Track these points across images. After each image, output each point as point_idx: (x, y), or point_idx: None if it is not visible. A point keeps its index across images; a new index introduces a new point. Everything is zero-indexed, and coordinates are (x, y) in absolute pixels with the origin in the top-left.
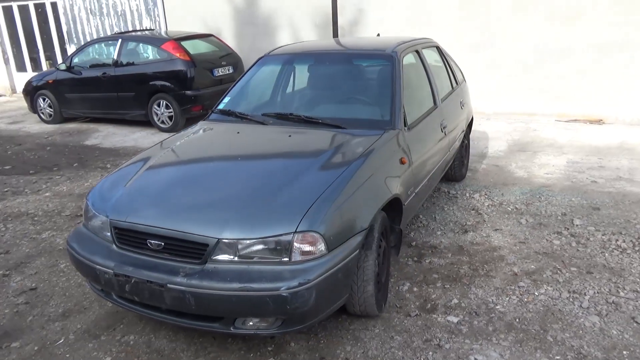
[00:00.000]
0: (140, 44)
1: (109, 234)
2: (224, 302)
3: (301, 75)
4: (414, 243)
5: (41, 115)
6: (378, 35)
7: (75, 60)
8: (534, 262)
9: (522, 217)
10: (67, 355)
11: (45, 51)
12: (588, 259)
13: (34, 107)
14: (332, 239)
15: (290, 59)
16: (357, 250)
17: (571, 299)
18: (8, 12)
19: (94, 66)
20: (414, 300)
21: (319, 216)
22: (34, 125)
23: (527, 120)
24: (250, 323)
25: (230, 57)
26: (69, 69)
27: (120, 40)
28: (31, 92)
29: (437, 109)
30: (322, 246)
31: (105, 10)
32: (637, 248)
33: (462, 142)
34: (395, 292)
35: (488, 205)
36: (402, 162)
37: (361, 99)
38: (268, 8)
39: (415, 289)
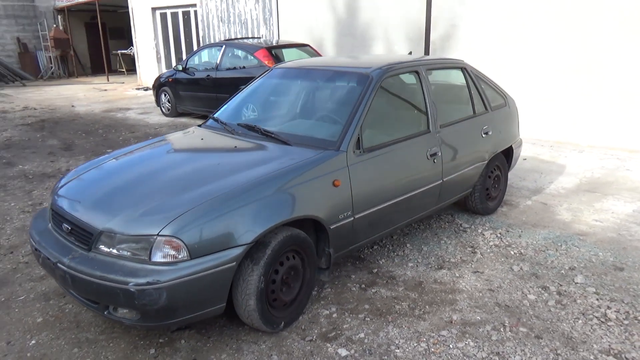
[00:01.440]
0: (239, 51)
1: (49, 214)
2: (88, 287)
3: (286, 89)
4: (376, 270)
5: (162, 108)
6: (410, 53)
7: (190, 62)
8: (484, 314)
9: (520, 263)
10: (17, 310)
11: (186, 52)
12: (551, 323)
13: (158, 101)
14: (196, 248)
15: (285, 73)
16: (234, 263)
17: None
18: (164, 17)
19: (202, 68)
20: (323, 326)
21: (185, 224)
22: (155, 117)
23: (624, 157)
24: (120, 311)
25: None
26: (184, 69)
27: (224, 46)
28: (157, 87)
29: (429, 134)
30: (184, 253)
31: (232, 19)
32: (626, 321)
33: (487, 173)
34: (313, 314)
35: (492, 245)
36: (334, 185)
37: (324, 117)
38: (365, 20)
39: (335, 315)
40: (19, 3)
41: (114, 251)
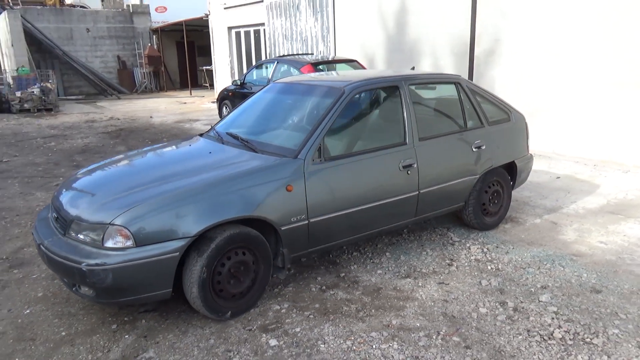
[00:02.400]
0: (287, 66)
1: None
2: (57, 265)
3: (276, 102)
4: (343, 274)
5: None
6: (412, 68)
7: (248, 77)
8: (425, 321)
9: (492, 279)
10: (26, 286)
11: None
12: (488, 336)
13: (220, 113)
14: (142, 237)
15: (279, 87)
16: (177, 253)
17: None
18: (238, 36)
19: (257, 83)
20: (268, 319)
21: (134, 216)
22: None
23: None
24: (82, 289)
25: None
26: (242, 84)
27: (276, 62)
28: (220, 100)
29: (404, 147)
30: (130, 241)
31: (294, 36)
32: (570, 342)
33: (482, 188)
34: (264, 308)
35: (472, 259)
36: (287, 189)
37: (297, 127)
38: (413, 36)
39: (283, 311)
40: (121, 25)
41: (80, 236)
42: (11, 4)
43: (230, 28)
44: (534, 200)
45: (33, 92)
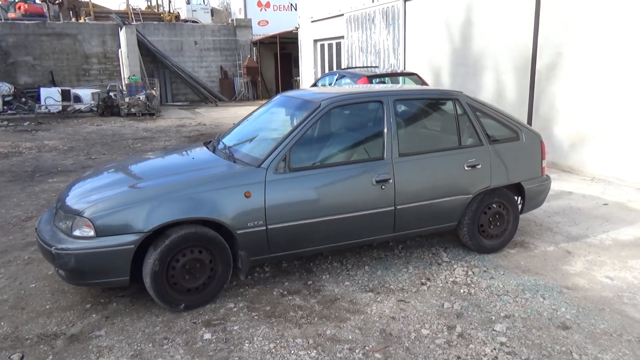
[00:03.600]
0: (346, 78)
1: None
2: (40, 248)
3: (270, 114)
4: (311, 282)
5: None
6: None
7: (317, 84)
8: (360, 335)
9: (457, 302)
10: (44, 264)
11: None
12: (414, 357)
13: None
14: (102, 229)
15: (279, 100)
16: (132, 245)
17: None
18: (322, 48)
19: None
20: (216, 315)
21: (97, 210)
22: None
23: None
24: (59, 271)
25: None
26: None
27: (337, 74)
28: None
29: (381, 162)
30: (92, 232)
31: (369, 49)
32: None
33: (479, 208)
34: (220, 304)
35: (449, 281)
36: (245, 196)
37: (273, 138)
38: (477, 49)
39: (235, 309)
40: (225, 38)
41: (60, 224)
42: (133, 20)
43: (315, 40)
44: (562, 226)
45: (139, 98)
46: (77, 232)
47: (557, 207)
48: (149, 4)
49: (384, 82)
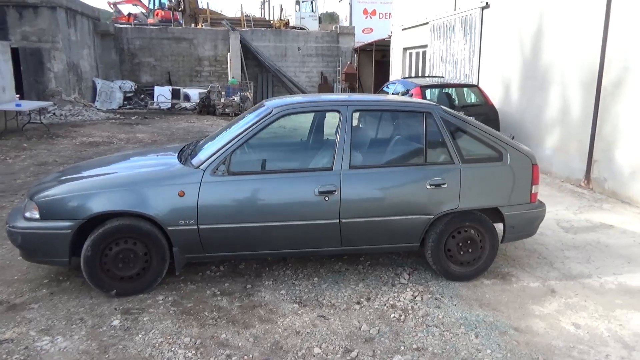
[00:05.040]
0: (402, 86)
1: None
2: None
3: (245, 119)
4: (250, 286)
5: None
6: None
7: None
8: (251, 344)
9: (377, 326)
10: None
11: None
12: None
13: None
14: (44, 212)
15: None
16: (69, 230)
17: None
18: (410, 56)
19: None
20: (141, 305)
21: (42, 196)
22: None
23: None
24: None
25: (478, 108)
26: None
27: (395, 82)
28: None
29: (329, 172)
30: (37, 214)
31: (448, 58)
32: None
33: (446, 231)
34: (150, 295)
35: (387, 304)
36: (179, 194)
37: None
38: (546, 63)
39: (160, 302)
40: (327, 45)
41: (22, 206)
42: (245, 26)
43: (405, 49)
44: (568, 262)
45: (234, 99)
46: (27, 214)
47: (581, 240)
48: (262, 11)
49: (447, 93)
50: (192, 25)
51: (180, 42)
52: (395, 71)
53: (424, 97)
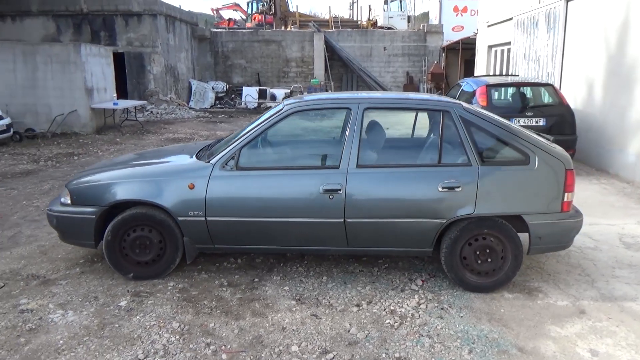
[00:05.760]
0: (468, 84)
1: None
2: None
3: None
4: (258, 279)
5: None
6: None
7: (451, 92)
8: (235, 336)
9: (366, 331)
10: None
11: None
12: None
13: None
14: (75, 199)
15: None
16: (93, 216)
17: None
18: (495, 54)
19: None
20: (151, 289)
21: (75, 184)
22: None
23: None
24: None
25: (551, 109)
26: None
27: (466, 81)
28: None
29: (335, 171)
30: (69, 200)
31: (530, 56)
32: None
33: (462, 238)
34: (164, 281)
35: (387, 310)
36: (189, 187)
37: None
38: (631, 58)
39: (170, 288)
40: (414, 44)
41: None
42: (333, 28)
43: (490, 46)
44: (614, 282)
45: None
46: (62, 200)
47: None
48: (351, 12)
49: (518, 92)
50: (282, 27)
51: (269, 44)
52: (480, 70)
53: (489, 96)
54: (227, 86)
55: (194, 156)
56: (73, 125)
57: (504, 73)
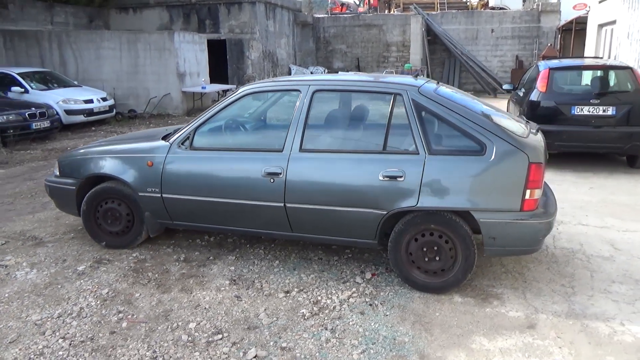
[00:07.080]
0: (537, 68)
1: None
2: None
3: None
4: (212, 257)
5: None
6: (416, 76)
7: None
8: (148, 308)
9: (269, 317)
10: None
11: None
12: (144, 340)
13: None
14: (61, 171)
15: None
16: (73, 187)
17: None
18: (604, 34)
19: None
20: (114, 257)
21: (63, 158)
22: None
23: None
24: None
25: (624, 96)
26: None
27: (536, 65)
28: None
29: (277, 154)
30: (58, 172)
31: (634, 35)
32: None
33: (407, 232)
34: (130, 251)
35: (309, 300)
36: (148, 164)
37: None
38: None
39: (131, 259)
40: (525, 25)
41: None
42: (438, 9)
43: (600, 25)
44: (599, 297)
45: None
46: (55, 172)
47: None
48: None
49: (595, 77)
50: (386, 11)
51: (370, 28)
52: (589, 52)
53: (550, 81)
54: (326, 71)
55: (162, 137)
56: (167, 107)
57: (605, 56)
